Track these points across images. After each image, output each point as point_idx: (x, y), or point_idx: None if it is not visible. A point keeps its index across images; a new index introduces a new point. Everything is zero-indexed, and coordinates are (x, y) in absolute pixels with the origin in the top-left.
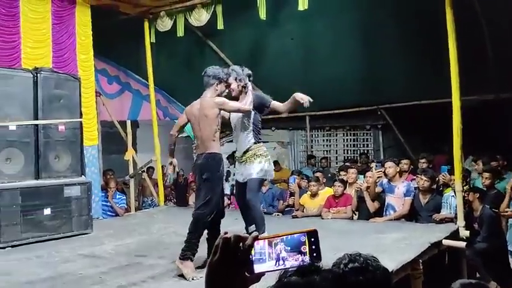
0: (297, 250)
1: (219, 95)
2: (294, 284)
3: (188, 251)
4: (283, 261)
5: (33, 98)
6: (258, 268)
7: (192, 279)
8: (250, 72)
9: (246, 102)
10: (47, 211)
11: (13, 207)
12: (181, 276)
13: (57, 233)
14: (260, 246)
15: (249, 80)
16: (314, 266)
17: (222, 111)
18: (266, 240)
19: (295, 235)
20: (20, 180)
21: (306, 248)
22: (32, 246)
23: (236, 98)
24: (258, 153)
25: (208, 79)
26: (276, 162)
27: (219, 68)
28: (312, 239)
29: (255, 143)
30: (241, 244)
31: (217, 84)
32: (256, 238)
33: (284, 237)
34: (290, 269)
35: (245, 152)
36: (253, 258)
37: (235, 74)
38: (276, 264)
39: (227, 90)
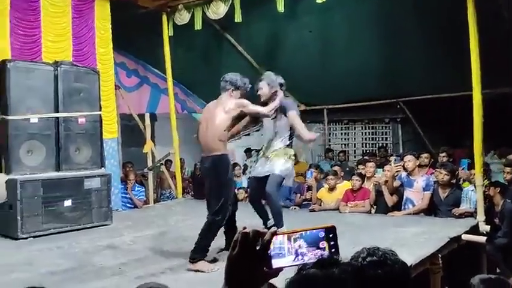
0: (315, 245)
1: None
2: (313, 276)
3: (198, 255)
4: (302, 256)
5: (54, 91)
6: (276, 263)
7: (211, 270)
8: (283, 81)
9: (269, 108)
10: (68, 203)
11: (35, 198)
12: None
13: (77, 224)
14: (279, 241)
15: (281, 89)
16: (333, 258)
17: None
18: (285, 235)
19: (314, 231)
20: (42, 172)
21: (324, 244)
22: (53, 237)
23: (265, 104)
24: (288, 154)
25: (225, 84)
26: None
27: (238, 75)
28: (331, 235)
29: (286, 146)
30: (260, 239)
31: (232, 90)
32: (274, 233)
33: (303, 232)
34: (309, 262)
35: (274, 150)
36: (272, 253)
37: (269, 80)
38: (294, 259)
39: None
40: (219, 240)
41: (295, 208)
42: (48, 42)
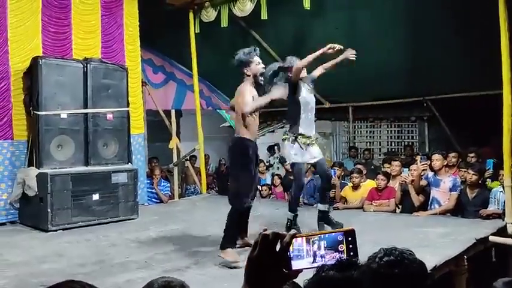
0: (334, 248)
1: (255, 78)
2: (332, 278)
3: (227, 243)
4: (321, 259)
5: (83, 87)
6: (295, 265)
7: (234, 267)
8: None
9: (252, 104)
10: (96, 196)
11: (64, 192)
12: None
13: (105, 217)
14: (298, 243)
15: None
16: (352, 261)
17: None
18: (304, 237)
19: (333, 234)
20: (71, 166)
21: (343, 247)
22: (81, 230)
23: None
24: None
25: (239, 69)
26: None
27: (240, 50)
28: (349, 238)
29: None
30: (279, 241)
31: (244, 68)
32: (294, 236)
33: (322, 235)
34: (328, 264)
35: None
36: (292, 254)
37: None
38: (313, 261)
39: (262, 67)
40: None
41: None
42: (78, 39)
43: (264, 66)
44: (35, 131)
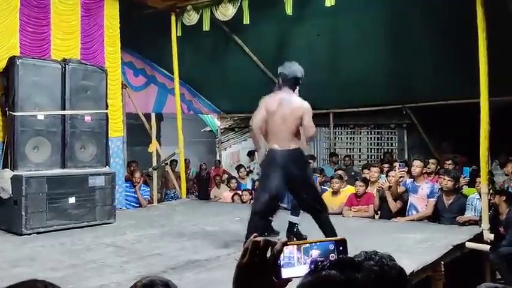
0: (325, 257)
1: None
2: (334, 279)
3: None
4: (311, 267)
5: (61, 89)
6: (285, 273)
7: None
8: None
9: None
10: (72, 200)
11: (39, 195)
12: None
13: (81, 221)
14: (289, 251)
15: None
16: (355, 261)
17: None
18: (295, 245)
19: (324, 242)
20: (47, 168)
21: (334, 257)
22: (57, 234)
23: None
24: None
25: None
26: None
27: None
28: (341, 248)
29: None
30: (270, 248)
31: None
32: (285, 243)
33: (313, 244)
34: (327, 261)
35: None
36: (282, 262)
37: None
38: (304, 269)
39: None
40: None
41: None
42: (57, 40)
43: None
44: (10, 132)
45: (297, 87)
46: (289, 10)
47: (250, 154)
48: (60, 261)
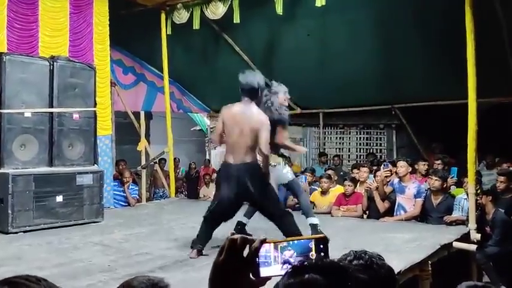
0: (303, 255)
1: (257, 103)
2: (317, 284)
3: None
4: (289, 266)
5: (49, 86)
6: (264, 272)
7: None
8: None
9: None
10: (59, 198)
11: (26, 193)
12: None
13: (68, 220)
14: (266, 249)
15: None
16: (340, 265)
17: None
18: (272, 243)
19: (303, 240)
20: (34, 166)
21: (313, 255)
22: (44, 233)
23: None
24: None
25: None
26: (288, 159)
27: (257, 75)
28: (321, 246)
29: None
30: (248, 246)
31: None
32: (264, 241)
33: (291, 242)
34: (309, 261)
35: None
36: (258, 261)
37: (284, 89)
38: (281, 268)
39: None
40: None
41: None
42: (45, 37)
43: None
44: None
45: (257, 98)
46: (279, 9)
47: None
48: (47, 260)
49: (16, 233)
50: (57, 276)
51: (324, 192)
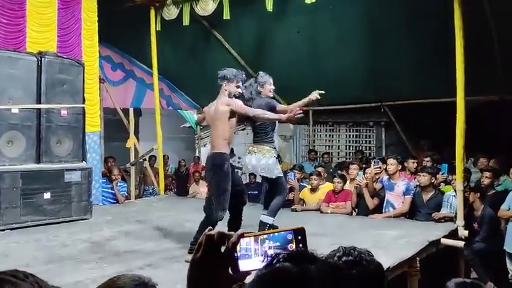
0: (283, 248)
1: (229, 95)
2: (287, 271)
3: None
4: (269, 258)
5: (37, 82)
6: (243, 265)
7: None
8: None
9: (266, 113)
10: (47, 195)
11: (13, 190)
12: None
13: (56, 217)
14: (246, 242)
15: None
16: (309, 253)
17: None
18: (252, 237)
19: (282, 232)
20: (21, 163)
21: (292, 246)
22: (31, 230)
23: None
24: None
25: (218, 80)
26: (278, 156)
27: (231, 69)
28: (299, 237)
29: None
30: (226, 241)
31: (225, 84)
32: (242, 235)
33: (271, 234)
34: (282, 253)
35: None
36: (239, 254)
37: (270, 80)
38: (262, 261)
39: (239, 90)
40: None
41: None
42: (32, 32)
43: (241, 91)
44: None
45: (231, 89)
46: (269, 6)
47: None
48: (35, 258)
49: (3, 230)
50: (45, 273)
51: (313, 189)
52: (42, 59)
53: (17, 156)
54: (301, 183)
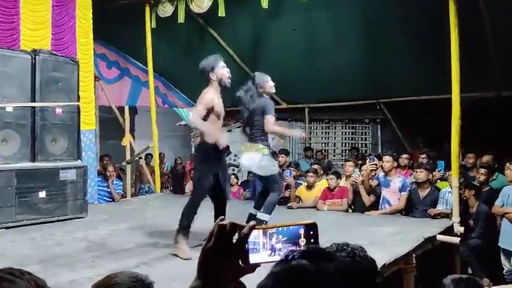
0: (293, 242)
1: (220, 82)
2: (304, 269)
3: (179, 234)
4: (278, 252)
5: (31, 80)
6: (252, 258)
7: (187, 258)
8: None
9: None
10: (42, 194)
11: (8, 188)
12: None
13: (51, 216)
14: (255, 235)
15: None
16: (327, 251)
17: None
18: (261, 230)
19: (292, 227)
20: (16, 162)
21: (303, 241)
22: (26, 229)
23: None
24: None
25: (204, 75)
26: (273, 153)
27: (206, 58)
28: (311, 232)
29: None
30: (237, 232)
31: (208, 76)
32: (253, 227)
33: (280, 228)
34: (297, 250)
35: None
36: (248, 247)
37: (268, 77)
38: (270, 254)
39: (227, 69)
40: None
41: None
42: (26, 30)
43: (228, 70)
44: None
45: (206, 78)
46: (265, 4)
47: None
48: (30, 257)
49: None
50: (41, 272)
51: (309, 187)
52: (37, 56)
53: (11, 155)
54: (297, 181)
